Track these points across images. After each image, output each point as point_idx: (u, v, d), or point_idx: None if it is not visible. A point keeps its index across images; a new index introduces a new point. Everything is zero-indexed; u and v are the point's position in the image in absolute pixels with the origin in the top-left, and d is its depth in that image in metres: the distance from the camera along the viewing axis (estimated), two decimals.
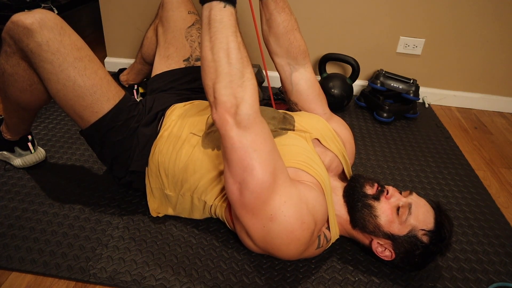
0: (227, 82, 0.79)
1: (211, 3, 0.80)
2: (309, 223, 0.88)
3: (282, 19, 1.09)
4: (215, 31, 0.79)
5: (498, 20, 1.86)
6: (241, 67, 0.80)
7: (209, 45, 0.80)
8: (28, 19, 0.92)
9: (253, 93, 0.81)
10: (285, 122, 1.10)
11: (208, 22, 0.80)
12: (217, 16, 0.79)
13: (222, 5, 0.79)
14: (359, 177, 1.04)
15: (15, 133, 1.28)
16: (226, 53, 0.79)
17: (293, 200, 0.86)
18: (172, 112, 1.14)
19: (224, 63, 0.79)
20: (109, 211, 1.17)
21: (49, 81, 0.97)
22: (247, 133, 0.81)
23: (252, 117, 0.81)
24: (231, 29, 0.80)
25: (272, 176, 0.83)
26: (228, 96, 0.79)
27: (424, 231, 0.94)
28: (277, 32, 1.11)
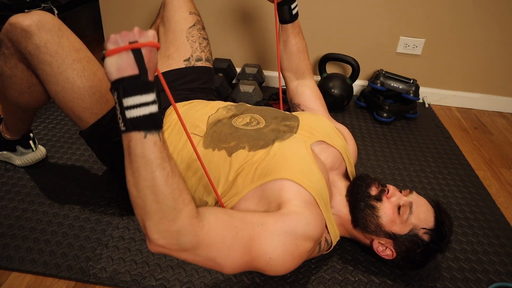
0: (157, 219, 0.69)
1: (129, 134, 0.65)
2: (304, 250, 0.87)
3: (296, 41, 1.28)
4: (137, 166, 0.67)
5: (498, 20, 1.86)
6: (171, 201, 0.68)
7: (132, 181, 0.68)
8: (26, 21, 0.91)
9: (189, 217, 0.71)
10: (287, 120, 1.09)
11: (128, 154, 0.67)
12: (137, 149, 0.66)
13: (142, 136, 0.65)
14: (366, 177, 1.03)
15: (15, 133, 1.28)
16: (153, 191, 0.67)
17: (278, 248, 0.82)
18: (172, 112, 1.14)
19: (151, 202, 0.68)
20: (109, 211, 1.17)
21: (48, 82, 0.97)
22: (197, 251, 0.73)
23: (195, 239, 0.72)
24: (156, 162, 0.66)
25: (245, 254, 0.79)
26: (160, 233, 0.69)
27: (425, 230, 0.94)
28: (291, 51, 1.29)
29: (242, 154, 0.99)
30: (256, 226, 0.81)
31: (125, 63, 0.64)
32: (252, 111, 1.14)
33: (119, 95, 0.65)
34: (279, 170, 0.93)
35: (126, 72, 0.65)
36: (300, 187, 0.91)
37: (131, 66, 0.65)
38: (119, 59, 0.64)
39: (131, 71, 0.65)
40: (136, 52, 0.65)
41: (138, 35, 0.66)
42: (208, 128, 1.06)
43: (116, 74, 0.65)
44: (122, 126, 0.66)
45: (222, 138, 1.03)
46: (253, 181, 0.95)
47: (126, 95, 0.64)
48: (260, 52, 2.05)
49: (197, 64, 1.33)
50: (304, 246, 0.86)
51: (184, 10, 1.36)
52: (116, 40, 0.65)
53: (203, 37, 1.37)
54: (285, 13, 1.24)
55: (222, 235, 0.76)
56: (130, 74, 0.65)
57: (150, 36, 0.67)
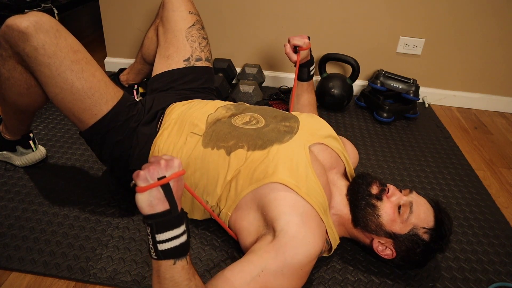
0: None
1: (158, 262, 0.71)
2: (309, 269, 0.89)
3: (308, 96, 1.42)
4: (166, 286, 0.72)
5: (498, 20, 1.86)
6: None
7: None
8: (23, 23, 0.91)
9: None
10: (287, 120, 1.10)
11: (157, 276, 0.73)
12: (167, 274, 0.72)
13: (172, 263, 0.71)
14: (367, 176, 1.04)
15: (15, 134, 1.28)
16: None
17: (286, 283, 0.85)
18: (171, 111, 1.14)
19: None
20: (109, 211, 1.17)
21: (47, 84, 0.97)
22: None
23: None
24: (183, 283, 0.73)
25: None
26: None
27: (425, 229, 0.95)
28: (303, 104, 1.42)
29: (240, 153, 0.99)
30: (258, 276, 0.82)
31: (156, 199, 0.68)
32: (251, 110, 1.14)
33: (152, 231, 0.69)
34: (276, 174, 0.94)
35: (158, 208, 0.68)
36: (297, 197, 0.91)
37: (161, 201, 0.68)
38: (150, 196, 0.67)
39: (162, 206, 0.68)
40: (166, 187, 0.68)
41: (165, 169, 0.69)
42: (207, 127, 1.06)
43: (148, 210, 0.68)
44: (154, 255, 0.71)
45: (221, 137, 1.03)
46: (250, 183, 0.95)
47: (159, 231, 0.69)
48: (260, 52, 2.05)
49: (197, 64, 1.33)
50: (308, 267, 0.88)
51: (183, 10, 1.35)
52: (146, 177, 0.67)
53: (203, 36, 1.37)
54: (305, 74, 1.38)
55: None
56: (162, 210, 0.68)
57: (176, 167, 0.70)
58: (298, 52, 1.31)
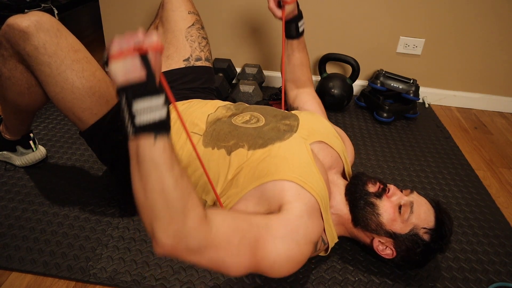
0: (166, 223, 0.68)
1: (138, 139, 0.64)
2: (305, 253, 0.87)
3: (300, 56, 1.33)
4: (146, 171, 0.66)
5: (498, 20, 1.86)
6: (181, 205, 0.68)
7: (140, 186, 0.67)
8: (24, 22, 0.91)
9: (198, 220, 0.70)
10: (287, 119, 1.10)
11: (136, 159, 0.66)
12: (146, 154, 0.65)
13: (152, 141, 0.64)
14: (362, 175, 1.04)
15: (15, 133, 1.28)
16: (162, 195, 0.66)
17: (282, 253, 0.82)
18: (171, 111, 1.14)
19: (160, 206, 0.67)
20: (109, 211, 1.17)
21: (47, 84, 0.97)
22: (205, 253, 0.72)
23: (203, 241, 0.71)
24: (165, 166, 0.66)
25: (251, 257, 0.78)
26: (169, 237, 0.68)
27: (425, 229, 0.95)
28: (294, 64, 1.34)
29: (241, 153, 0.99)
30: (261, 228, 0.81)
31: (132, 68, 0.63)
32: (251, 109, 1.14)
33: (128, 100, 0.63)
34: (279, 171, 0.93)
35: (134, 77, 0.63)
36: (301, 188, 0.91)
37: (138, 70, 0.63)
38: (126, 63, 0.63)
39: (138, 75, 0.63)
40: (143, 56, 0.64)
41: (143, 38, 0.64)
42: (208, 127, 1.06)
43: (123, 79, 0.63)
44: (131, 132, 0.64)
45: (221, 137, 1.03)
46: (252, 180, 0.95)
47: (135, 100, 0.63)
48: (260, 52, 2.05)
49: (197, 63, 1.33)
50: (305, 250, 0.86)
51: (183, 10, 1.35)
52: (121, 43, 0.63)
53: (202, 36, 1.37)
54: (292, 30, 1.29)
55: (229, 237, 0.75)
56: (138, 78, 0.63)
57: (154, 40, 0.65)
58: (283, 7, 1.19)
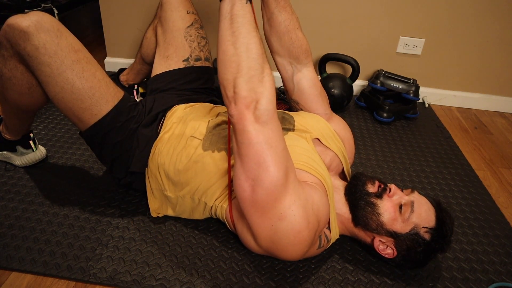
0: (249, 77, 0.79)
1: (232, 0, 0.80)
2: (314, 223, 0.88)
3: (283, 18, 1.09)
4: (238, 26, 0.80)
5: (498, 20, 1.86)
6: (262, 62, 0.81)
7: (231, 40, 0.81)
8: (24, 22, 0.91)
9: (272, 88, 0.82)
10: (284, 121, 1.10)
11: (230, 16, 0.81)
12: (239, 11, 0.80)
13: (244, 1, 0.81)
14: (361, 175, 1.04)
15: (15, 133, 1.28)
16: (248, 48, 0.80)
17: (302, 200, 0.86)
18: (173, 114, 1.14)
19: (246, 58, 0.80)
20: (109, 211, 1.17)
21: (47, 84, 0.97)
22: (264, 129, 0.81)
23: (271, 113, 0.82)
24: (253, 25, 0.81)
25: (284, 174, 0.83)
26: (249, 91, 0.79)
27: (426, 229, 0.95)
28: (279, 31, 1.10)
29: None
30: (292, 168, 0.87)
31: None
32: None
33: None
34: None
35: None
36: (309, 174, 0.93)
37: None
38: None
39: None
40: None
41: None
42: (208, 132, 1.06)
43: None
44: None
45: (221, 140, 1.03)
46: None
47: None
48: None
49: (197, 63, 1.33)
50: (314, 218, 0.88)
51: (181, 9, 1.35)
52: None
53: (202, 36, 1.37)
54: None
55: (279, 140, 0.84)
56: None
57: None
58: None
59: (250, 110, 0.80)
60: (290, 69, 1.17)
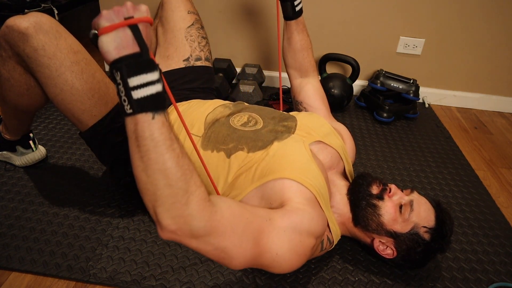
0: (169, 204, 0.66)
1: (135, 117, 0.62)
2: (307, 246, 0.86)
3: (300, 38, 1.29)
4: (147, 150, 0.64)
5: (498, 20, 1.86)
6: (183, 184, 0.66)
7: (141, 166, 0.66)
8: (23, 23, 0.90)
9: (202, 201, 0.69)
10: (285, 120, 1.10)
11: (135, 138, 0.64)
12: (146, 132, 0.63)
13: (150, 117, 0.62)
14: (367, 176, 1.03)
15: (15, 133, 1.28)
16: (164, 175, 0.65)
17: (285, 245, 0.82)
18: (171, 112, 1.14)
19: (162, 186, 0.65)
20: (109, 211, 1.17)
21: (47, 85, 0.97)
22: (209, 238, 0.71)
23: (208, 225, 0.70)
24: (166, 144, 0.64)
25: (254, 247, 0.77)
26: (172, 219, 0.67)
27: (425, 229, 0.95)
28: (295, 49, 1.29)
29: (241, 155, 0.99)
30: (265, 220, 0.81)
31: (124, 41, 0.60)
32: (250, 110, 1.14)
33: (123, 76, 0.60)
34: (279, 170, 0.93)
35: (127, 50, 0.60)
36: (301, 186, 0.91)
37: (130, 43, 0.61)
38: (117, 37, 0.60)
39: (131, 49, 0.61)
40: (134, 28, 0.61)
41: (133, 10, 0.62)
42: (206, 129, 1.06)
43: (116, 53, 0.60)
44: (128, 109, 0.62)
45: (220, 140, 1.03)
46: (253, 181, 0.95)
47: (131, 74, 0.60)
48: (260, 52, 2.05)
49: (197, 63, 1.33)
50: (307, 242, 0.86)
51: (182, 9, 1.35)
52: (110, 16, 0.60)
53: (202, 36, 1.37)
54: (288, 10, 1.24)
55: (234, 223, 0.74)
56: (131, 52, 0.61)
57: (144, 11, 0.63)
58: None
59: (182, 233, 0.69)
60: (299, 79, 1.35)
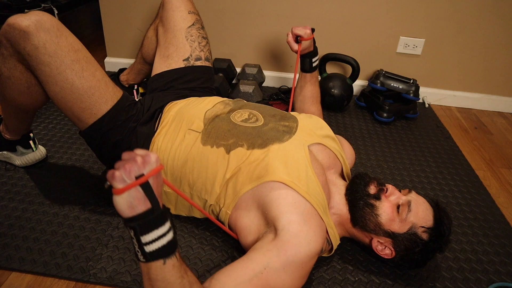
0: None
1: (147, 265, 0.68)
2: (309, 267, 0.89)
3: (311, 89, 1.41)
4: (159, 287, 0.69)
5: (498, 20, 1.86)
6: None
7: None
8: (24, 22, 0.91)
9: None
10: (286, 120, 1.10)
11: (148, 279, 0.69)
12: (158, 275, 0.68)
13: (162, 263, 0.67)
14: (365, 176, 1.04)
15: (15, 133, 1.28)
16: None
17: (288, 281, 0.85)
18: (169, 109, 1.14)
19: None
20: (109, 211, 1.17)
21: (47, 83, 0.97)
22: None
23: None
24: (176, 282, 0.70)
25: None
26: None
27: (424, 228, 0.95)
28: (305, 96, 1.41)
29: (240, 152, 0.99)
30: (261, 273, 0.82)
31: (136, 200, 0.63)
32: (250, 107, 1.14)
33: (136, 234, 0.65)
34: (277, 172, 0.94)
35: (139, 209, 0.64)
36: (297, 195, 0.92)
37: (142, 201, 0.64)
38: (129, 197, 0.63)
39: (144, 206, 0.64)
40: (145, 185, 0.64)
41: (143, 166, 0.64)
42: (206, 124, 1.06)
43: (129, 212, 0.64)
44: (142, 258, 0.67)
45: (220, 135, 1.03)
46: (250, 181, 0.95)
47: (144, 233, 0.65)
48: (260, 52, 2.05)
49: (197, 63, 1.33)
50: (309, 265, 0.88)
51: (183, 9, 1.35)
52: (122, 177, 0.62)
53: (202, 36, 1.37)
54: (306, 65, 1.37)
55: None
56: (143, 210, 0.64)
57: (153, 163, 0.65)
58: (299, 42, 1.31)
59: None
60: None
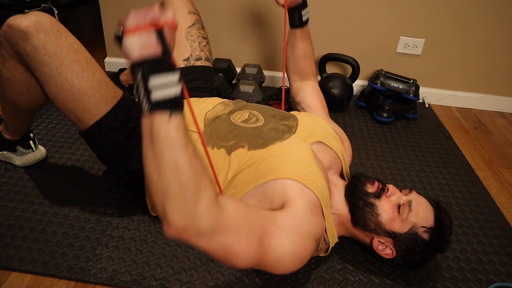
0: (179, 203, 0.66)
1: (151, 116, 0.63)
2: (309, 249, 0.86)
3: (303, 46, 1.33)
4: (161, 149, 0.64)
5: (498, 20, 1.86)
6: (194, 184, 0.66)
7: (154, 164, 0.66)
8: (24, 22, 0.91)
9: (211, 200, 0.69)
10: (286, 120, 1.10)
11: (150, 136, 0.65)
12: (161, 131, 0.63)
13: (167, 118, 0.63)
14: (360, 176, 1.04)
15: (15, 133, 1.28)
16: (176, 173, 0.65)
17: (288, 246, 0.81)
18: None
19: (173, 185, 0.65)
20: (109, 211, 1.17)
21: (47, 84, 0.97)
22: (215, 236, 0.70)
23: (215, 223, 0.69)
24: (180, 144, 0.64)
25: (258, 247, 0.77)
26: (180, 217, 0.66)
27: (424, 228, 0.95)
28: (297, 55, 1.34)
29: (241, 152, 0.99)
30: (269, 220, 0.81)
31: (148, 42, 0.62)
32: (250, 107, 1.14)
33: (143, 75, 0.62)
34: (281, 170, 0.93)
35: (150, 52, 0.62)
36: (303, 186, 0.91)
37: (154, 45, 0.63)
38: (141, 38, 0.62)
39: (154, 50, 0.63)
40: (159, 32, 0.63)
41: (159, 14, 0.63)
42: (206, 125, 1.06)
43: (139, 53, 0.62)
44: (147, 108, 0.63)
45: (221, 136, 1.03)
46: (253, 180, 0.95)
47: (151, 75, 0.62)
48: (260, 52, 2.05)
49: (197, 63, 1.33)
50: (309, 245, 0.86)
51: (183, 9, 1.35)
52: (137, 18, 0.62)
53: (203, 36, 1.37)
54: (295, 19, 1.29)
55: (240, 223, 0.74)
56: (153, 54, 0.63)
57: (170, 16, 0.64)
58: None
59: (189, 231, 0.68)
60: (299, 82, 1.38)
